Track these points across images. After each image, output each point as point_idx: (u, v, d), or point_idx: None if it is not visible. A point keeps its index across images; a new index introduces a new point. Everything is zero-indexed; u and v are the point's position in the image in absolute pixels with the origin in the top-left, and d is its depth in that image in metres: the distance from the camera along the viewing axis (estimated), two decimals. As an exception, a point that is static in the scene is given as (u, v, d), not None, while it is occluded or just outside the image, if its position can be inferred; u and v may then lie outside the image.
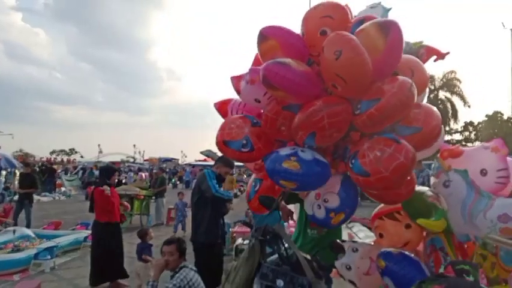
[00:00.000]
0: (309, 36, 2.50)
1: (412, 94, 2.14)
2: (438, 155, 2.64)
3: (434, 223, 2.25)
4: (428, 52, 3.03)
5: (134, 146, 61.97)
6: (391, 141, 2.17)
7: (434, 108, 2.52)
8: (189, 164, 43.36)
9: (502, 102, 38.35)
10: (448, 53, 3.03)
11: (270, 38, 2.48)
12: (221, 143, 2.72)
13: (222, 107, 3.25)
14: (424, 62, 2.79)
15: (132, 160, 57.30)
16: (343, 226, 3.80)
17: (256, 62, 2.90)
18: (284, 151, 2.41)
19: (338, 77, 2.16)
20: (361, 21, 2.47)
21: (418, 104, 2.44)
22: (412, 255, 2.41)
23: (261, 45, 2.54)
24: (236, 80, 2.89)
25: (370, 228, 7.13)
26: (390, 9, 2.92)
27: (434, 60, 3.06)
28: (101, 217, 6.37)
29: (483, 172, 2.34)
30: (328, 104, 2.27)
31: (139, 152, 62.56)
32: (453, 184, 2.26)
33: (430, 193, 2.38)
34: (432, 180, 2.51)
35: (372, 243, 2.92)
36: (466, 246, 2.48)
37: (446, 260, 2.36)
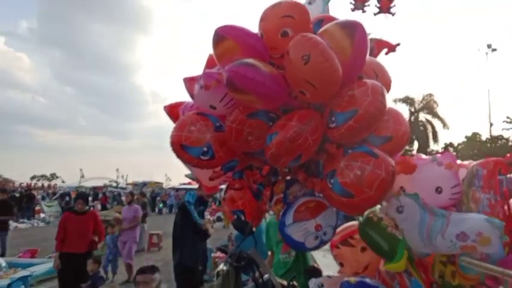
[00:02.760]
0: (269, 37, 2.32)
1: (385, 99, 2.06)
2: None
3: (401, 263, 2.23)
4: (378, 45, 2.88)
5: (117, 170, 61.19)
6: (369, 156, 2.06)
7: (401, 112, 2.44)
8: (173, 188, 42.89)
9: (480, 124, 39.45)
10: (398, 44, 2.89)
11: (228, 38, 2.29)
12: (178, 146, 2.42)
13: (173, 111, 2.96)
14: (375, 56, 2.73)
15: (115, 184, 56.43)
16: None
17: (209, 64, 2.71)
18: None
19: (307, 83, 2.03)
20: (321, 21, 2.37)
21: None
22: (372, 281, 2.44)
23: (217, 46, 2.33)
24: (189, 83, 2.65)
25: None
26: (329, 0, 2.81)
27: (386, 53, 2.90)
28: (62, 247, 6.19)
29: (438, 190, 2.34)
30: (304, 122, 2.14)
31: (122, 176, 61.77)
32: (406, 209, 2.26)
33: (387, 221, 2.36)
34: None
35: (336, 274, 2.91)
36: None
37: (411, 282, 2.42)
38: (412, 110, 41.46)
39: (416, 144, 40.27)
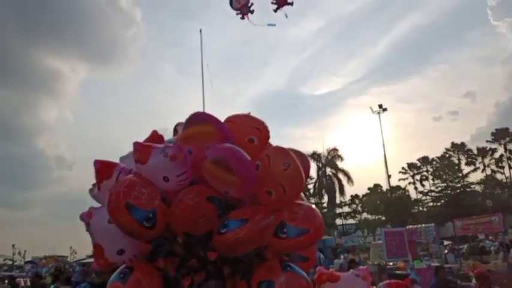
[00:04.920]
0: (237, 138, 2.64)
1: None
2: (315, 277, 2.92)
3: None
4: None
5: (13, 246, 53.70)
6: (303, 281, 2.48)
7: (315, 207, 2.79)
8: (80, 261, 38.86)
9: (380, 176, 43.70)
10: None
11: (208, 123, 2.62)
12: (122, 204, 2.31)
13: (105, 169, 2.83)
14: None
15: (10, 263, 49.30)
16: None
17: (153, 139, 2.90)
18: None
19: (280, 186, 2.46)
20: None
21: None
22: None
23: (193, 127, 2.65)
24: (141, 148, 2.63)
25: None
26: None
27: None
28: None
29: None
30: (270, 217, 2.50)
31: (20, 253, 54.30)
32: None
33: None
34: None
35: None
36: None
37: None
38: (320, 165, 44.35)
39: (326, 198, 42.68)
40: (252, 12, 13.08)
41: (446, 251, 20.27)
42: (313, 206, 2.77)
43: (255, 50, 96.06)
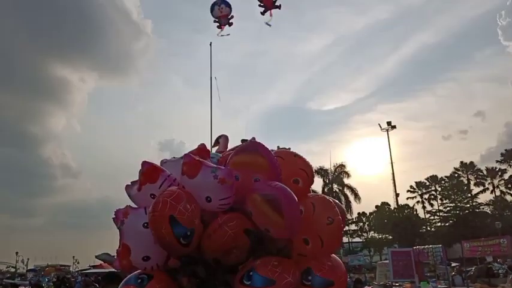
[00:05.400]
0: (283, 176, 2.66)
1: None
2: None
3: None
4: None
5: (17, 253, 53.70)
6: None
7: (339, 261, 2.81)
8: (82, 271, 38.80)
9: (388, 195, 43.27)
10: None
11: (262, 155, 2.63)
12: (167, 215, 2.34)
13: (151, 173, 2.81)
14: None
15: (13, 270, 49.30)
16: None
17: (200, 152, 2.97)
18: None
19: (319, 238, 2.51)
20: None
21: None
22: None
23: (246, 155, 2.67)
24: (191, 162, 2.65)
25: None
26: None
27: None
28: None
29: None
30: (297, 278, 2.51)
31: (23, 261, 54.25)
32: None
33: None
34: None
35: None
36: None
37: None
38: (326, 181, 44.06)
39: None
40: (230, 24, 13.35)
41: (453, 273, 19.92)
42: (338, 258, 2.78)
43: (263, 64, 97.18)
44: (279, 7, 10.85)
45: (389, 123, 38.25)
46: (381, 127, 38.52)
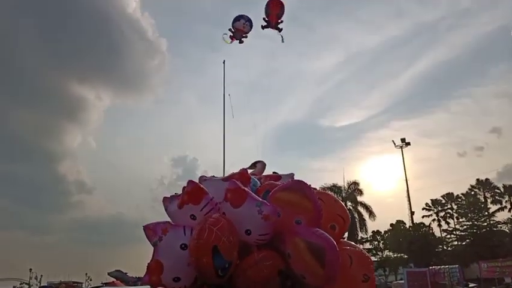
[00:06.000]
0: (322, 220, 2.74)
1: None
2: None
3: None
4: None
5: (30, 270, 54.13)
6: None
7: None
8: (95, 289, 38.75)
9: (403, 213, 42.90)
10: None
11: (307, 198, 2.71)
12: (210, 245, 2.05)
13: (195, 193, 2.54)
14: None
15: (26, 287, 49.61)
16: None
17: (241, 177, 3.00)
18: None
19: None
20: None
21: None
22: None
23: (292, 193, 2.77)
24: (236, 190, 2.61)
25: None
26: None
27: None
28: None
29: None
30: None
31: (36, 277, 54.58)
32: None
33: None
34: None
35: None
36: None
37: None
38: (340, 198, 43.69)
39: (346, 233, 41.69)
40: (241, 42, 13.92)
41: (471, 294, 19.58)
42: None
43: (276, 81, 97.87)
44: (279, 29, 11.25)
45: (403, 139, 38.31)
46: (395, 144, 38.56)
